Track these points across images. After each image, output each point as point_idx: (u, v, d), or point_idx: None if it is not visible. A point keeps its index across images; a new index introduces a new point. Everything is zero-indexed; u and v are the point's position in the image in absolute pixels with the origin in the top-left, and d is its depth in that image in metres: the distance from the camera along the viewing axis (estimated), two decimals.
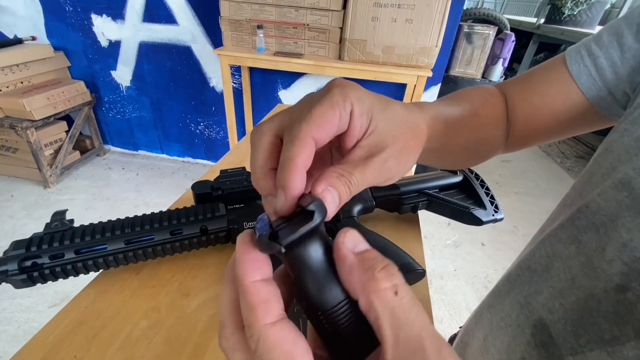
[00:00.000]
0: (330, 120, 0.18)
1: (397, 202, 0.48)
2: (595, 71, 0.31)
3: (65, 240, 0.34)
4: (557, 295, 0.27)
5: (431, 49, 1.51)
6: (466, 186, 0.52)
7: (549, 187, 2.53)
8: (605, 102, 0.31)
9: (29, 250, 0.33)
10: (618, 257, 0.23)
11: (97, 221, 0.38)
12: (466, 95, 0.36)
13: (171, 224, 0.38)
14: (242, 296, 0.14)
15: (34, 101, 1.82)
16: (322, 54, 1.64)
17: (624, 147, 0.25)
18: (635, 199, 0.23)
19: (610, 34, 0.31)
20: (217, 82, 2.05)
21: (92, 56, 2.11)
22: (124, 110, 2.30)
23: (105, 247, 0.35)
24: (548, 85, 0.34)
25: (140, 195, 2.06)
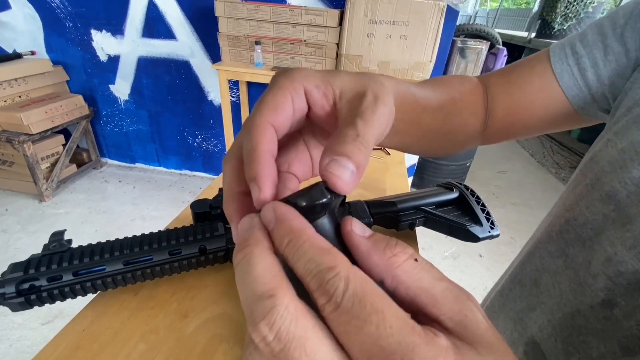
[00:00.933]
0: (282, 103, 0.17)
1: (395, 219, 0.48)
2: (577, 71, 0.31)
3: (64, 262, 0.34)
4: (547, 312, 0.27)
5: (425, 64, 1.54)
6: (462, 203, 0.53)
7: (545, 198, 2.55)
8: (585, 103, 0.31)
9: (27, 273, 0.33)
10: (603, 272, 0.23)
11: (93, 234, 0.38)
12: (444, 81, 0.35)
13: (170, 244, 0.38)
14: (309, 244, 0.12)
15: (32, 115, 1.83)
16: (319, 68, 1.67)
17: (608, 158, 0.25)
18: (620, 213, 0.23)
19: (594, 33, 0.30)
20: (215, 95, 2.07)
21: (91, 70, 2.13)
22: (122, 124, 2.31)
23: (104, 269, 0.35)
24: (530, 81, 0.33)
25: (137, 209, 2.05)
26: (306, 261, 0.11)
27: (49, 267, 0.34)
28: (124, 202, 2.11)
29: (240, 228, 0.14)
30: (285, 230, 0.12)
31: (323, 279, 0.11)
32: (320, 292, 0.11)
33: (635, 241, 0.22)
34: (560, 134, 3.83)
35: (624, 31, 0.28)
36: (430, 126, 0.29)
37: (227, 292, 0.39)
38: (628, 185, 0.23)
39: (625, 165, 0.24)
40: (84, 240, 1.06)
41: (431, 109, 0.28)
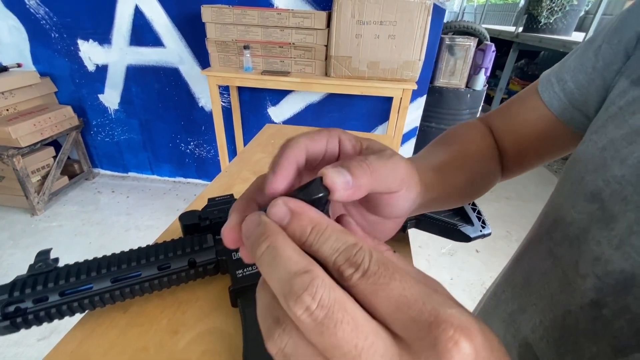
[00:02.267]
0: (319, 138, 0.19)
1: None
2: (564, 96, 0.32)
3: (49, 283, 0.34)
4: (539, 313, 0.27)
5: (415, 62, 1.55)
6: None
7: (539, 191, 2.57)
8: (580, 123, 0.32)
9: (12, 295, 0.32)
10: (591, 272, 0.23)
11: (88, 246, 0.38)
12: (453, 137, 0.37)
13: (158, 258, 0.37)
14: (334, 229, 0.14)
15: (20, 128, 1.80)
16: (309, 71, 1.67)
17: (590, 157, 0.26)
18: (605, 211, 0.23)
19: (575, 57, 0.32)
20: (206, 101, 2.06)
21: (79, 81, 2.11)
22: (113, 133, 2.29)
23: (91, 287, 0.35)
24: (526, 115, 0.36)
25: (131, 219, 2.03)
26: (333, 242, 0.13)
27: (34, 289, 0.33)
28: (118, 213, 2.08)
29: (250, 222, 0.14)
30: (307, 220, 0.14)
31: (350, 253, 0.12)
32: (348, 264, 0.12)
33: (620, 240, 0.21)
34: None
35: (600, 48, 0.30)
36: (455, 186, 0.31)
37: (219, 305, 0.39)
38: (611, 184, 0.23)
39: (606, 163, 0.24)
40: (78, 254, 1.06)
41: (451, 172, 0.31)
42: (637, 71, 0.25)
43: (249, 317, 0.34)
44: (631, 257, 0.21)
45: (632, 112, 0.23)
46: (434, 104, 2.14)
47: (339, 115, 1.99)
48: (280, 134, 0.91)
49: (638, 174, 0.21)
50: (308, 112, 2.01)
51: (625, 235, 0.21)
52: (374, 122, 2.00)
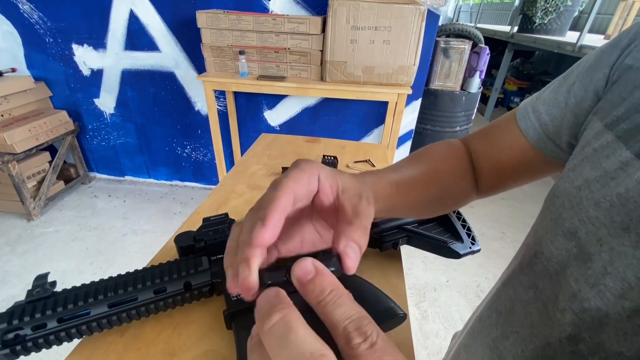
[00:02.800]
0: (302, 178, 0.22)
1: (378, 240, 0.49)
2: (539, 126, 0.34)
3: (48, 310, 0.34)
4: (520, 342, 0.28)
5: (409, 67, 1.56)
6: (444, 220, 0.54)
7: (534, 192, 2.60)
8: (554, 152, 0.34)
9: (11, 323, 0.33)
10: (569, 307, 0.24)
11: (85, 251, 0.38)
12: (426, 154, 0.39)
13: (154, 282, 0.38)
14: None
15: (15, 134, 1.80)
16: (305, 76, 1.67)
17: (567, 194, 0.26)
18: (581, 250, 0.24)
19: (551, 91, 0.34)
20: (202, 105, 2.06)
21: (74, 85, 2.10)
22: (109, 137, 2.29)
23: (89, 312, 0.35)
24: (504, 141, 0.37)
25: (128, 223, 2.03)
26: (347, 308, 0.14)
27: (32, 316, 0.34)
28: (115, 217, 2.09)
29: (268, 295, 0.15)
30: (328, 282, 0.15)
31: (362, 323, 0.14)
32: (357, 333, 0.14)
33: (596, 279, 0.22)
34: None
35: (573, 85, 0.31)
36: (418, 198, 0.36)
37: (214, 327, 0.39)
38: (586, 224, 0.24)
39: (581, 202, 0.24)
40: (75, 259, 1.06)
41: (411, 187, 0.35)
42: (610, 114, 0.25)
43: (243, 340, 0.35)
44: (605, 297, 0.21)
45: (606, 156, 0.24)
46: (429, 106, 2.15)
47: (335, 118, 2.00)
48: (276, 143, 0.92)
49: (611, 216, 0.22)
50: (304, 116, 2.02)
51: (600, 275, 0.22)
52: (369, 126, 2.01)
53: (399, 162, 0.38)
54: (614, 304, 0.21)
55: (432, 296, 1.66)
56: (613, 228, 0.22)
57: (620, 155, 0.23)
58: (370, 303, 0.40)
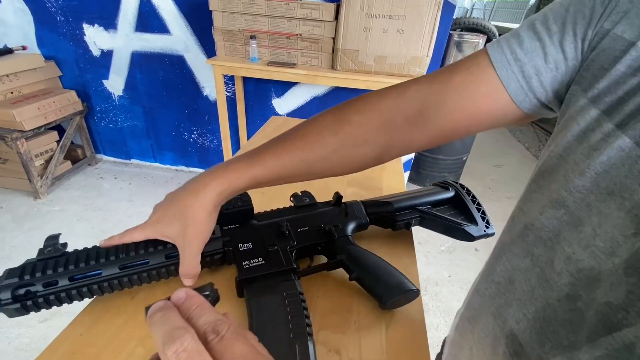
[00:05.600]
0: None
1: (391, 219, 0.49)
2: (522, 78, 0.31)
3: (59, 267, 0.34)
4: (522, 306, 0.30)
5: (422, 58, 1.54)
6: (458, 202, 0.53)
7: None
8: (533, 106, 0.32)
9: (23, 279, 0.33)
10: (565, 269, 0.26)
11: (90, 231, 0.38)
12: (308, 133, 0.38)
13: (166, 247, 0.38)
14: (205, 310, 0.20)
15: (24, 112, 1.80)
16: (315, 63, 1.65)
17: (552, 167, 0.28)
18: (572, 216, 0.26)
19: (531, 37, 0.30)
20: (211, 91, 2.05)
21: (84, 65, 2.10)
22: (116, 120, 2.29)
23: (100, 273, 0.35)
24: (475, 87, 0.33)
25: (133, 205, 2.04)
26: (207, 317, 0.18)
27: (44, 273, 0.34)
28: (120, 199, 2.10)
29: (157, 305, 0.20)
30: (194, 302, 0.19)
31: (216, 324, 0.18)
32: (212, 331, 0.18)
33: (587, 241, 0.25)
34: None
35: (562, 39, 0.29)
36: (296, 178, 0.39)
37: (225, 294, 0.39)
38: (573, 193, 0.26)
39: (567, 175, 0.26)
40: (80, 238, 1.07)
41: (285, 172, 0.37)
42: (592, 87, 0.26)
43: (255, 306, 0.35)
44: (597, 256, 0.24)
45: (592, 129, 0.25)
46: None
47: None
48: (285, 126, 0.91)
49: (597, 183, 0.24)
50: (313, 105, 2.00)
51: (590, 237, 0.24)
52: None
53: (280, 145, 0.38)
54: (605, 262, 0.23)
55: (433, 290, 1.66)
56: (599, 193, 0.24)
57: (603, 127, 0.25)
58: (383, 278, 0.40)
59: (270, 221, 0.45)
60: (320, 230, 0.45)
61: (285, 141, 0.37)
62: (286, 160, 0.36)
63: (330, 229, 0.44)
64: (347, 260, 0.42)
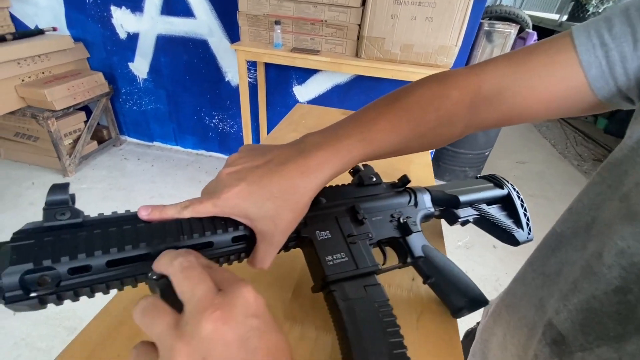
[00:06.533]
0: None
1: (453, 214, 0.46)
2: (605, 64, 0.30)
3: (96, 247, 0.24)
4: (563, 298, 0.30)
5: (451, 48, 1.49)
6: (508, 203, 0.51)
7: (565, 191, 2.49)
8: (610, 94, 0.31)
9: (39, 263, 0.22)
10: (617, 263, 0.26)
11: (115, 210, 0.29)
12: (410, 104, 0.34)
13: (237, 228, 0.29)
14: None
15: (55, 92, 1.86)
16: (339, 50, 1.63)
17: (620, 159, 0.28)
18: (629, 209, 0.26)
19: (622, 23, 0.29)
20: (233, 76, 2.06)
21: (111, 48, 2.14)
22: (141, 102, 2.34)
23: (149, 255, 0.25)
24: (552, 70, 0.32)
25: (155, 187, 2.10)
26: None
27: (73, 256, 0.23)
28: (143, 180, 2.16)
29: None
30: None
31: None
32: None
33: None
34: (585, 124, 3.68)
35: None
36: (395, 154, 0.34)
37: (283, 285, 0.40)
38: (638, 186, 0.25)
39: (635, 168, 0.26)
40: None
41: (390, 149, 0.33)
42: None
43: (347, 311, 0.30)
44: None
45: None
46: None
47: (365, 98, 1.95)
48: (311, 114, 0.91)
49: None
50: (334, 93, 1.98)
51: None
52: None
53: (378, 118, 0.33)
54: None
55: None
56: None
57: None
58: (462, 288, 0.38)
59: (340, 202, 0.37)
60: (392, 220, 0.39)
61: (391, 114, 0.33)
62: (393, 137, 0.32)
63: (406, 223, 0.39)
64: (424, 262, 0.38)
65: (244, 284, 0.21)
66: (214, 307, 0.18)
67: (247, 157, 0.30)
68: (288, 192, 0.28)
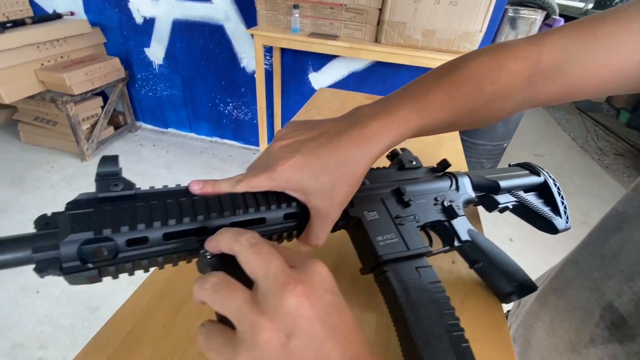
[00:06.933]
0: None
1: (493, 201, 0.45)
2: None
3: (155, 221, 0.23)
4: (626, 279, 0.29)
5: (475, 34, 1.44)
6: (544, 190, 0.50)
7: (584, 185, 2.42)
8: None
9: (99, 232, 0.21)
10: None
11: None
12: (469, 76, 0.32)
13: (290, 204, 0.29)
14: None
15: (74, 76, 1.88)
16: (359, 36, 1.59)
17: None
18: None
19: None
20: (248, 62, 2.04)
21: (127, 33, 2.14)
22: (156, 88, 2.34)
23: (205, 229, 0.25)
24: (624, 39, 0.29)
25: (170, 173, 2.12)
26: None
27: (132, 227, 0.22)
28: (159, 166, 2.18)
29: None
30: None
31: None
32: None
33: None
34: (607, 118, 3.56)
35: None
36: (447, 129, 0.33)
37: None
38: None
39: None
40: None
41: (448, 124, 0.32)
42: None
43: (402, 292, 0.30)
44: None
45: None
46: None
47: (382, 86, 1.92)
48: (335, 98, 0.89)
49: None
50: (350, 81, 1.95)
51: None
52: None
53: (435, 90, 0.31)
54: None
55: None
56: None
57: None
58: (510, 273, 0.37)
59: (385, 184, 0.36)
60: (437, 204, 0.38)
61: (445, 86, 0.31)
62: (447, 110, 0.30)
63: (451, 206, 0.38)
64: (471, 246, 0.37)
65: (316, 260, 0.20)
66: (295, 282, 0.18)
67: (298, 131, 0.29)
68: (344, 164, 0.27)
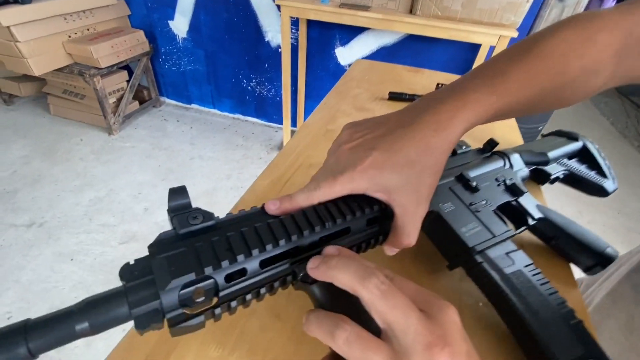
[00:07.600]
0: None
1: (544, 173, 0.44)
2: None
3: (253, 248, 0.21)
4: None
5: (521, 4, 1.32)
6: (585, 155, 0.49)
7: (622, 174, 2.28)
8: None
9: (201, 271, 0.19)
10: None
11: (157, 169, 0.27)
12: (550, 54, 0.28)
13: (373, 209, 0.26)
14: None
15: (100, 49, 1.88)
16: (392, 7, 1.50)
17: None
18: None
19: None
20: (273, 36, 1.98)
21: (151, 5, 2.11)
22: (180, 63, 2.32)
23: (297, 248, 0.23)
24: None
25: (194, 148, 2.13)
26: (369, 263, 0.21)
27: (232, 259, 0.20)
28: (183, 141, 2.19)
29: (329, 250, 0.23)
30: (348, 252, 0.22)
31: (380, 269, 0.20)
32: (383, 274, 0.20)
33: None
34: None
35: None
36: (527, 111, 0.30)
37: None
38: None
39: None
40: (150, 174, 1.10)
41: (524, 103, 0.29)
42: None
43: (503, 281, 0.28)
44: None
45: None
46: None
47: (412, 62, 1.82)
48: (374, 69, 0.84)
49: None
50: (379, 56, 1.86)
51: None
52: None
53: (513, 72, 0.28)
54: None
55: None
56: None
57: None
58: (590, 244, 0.34)
59: (446, 172, 0.33)
60: (499, 185, 0.36)
61: (525, 63, 0.28)
62: (528, 90, 0.28)
63: (514, 184, 0.36)
64: (543, 223, 0.36)
65: (448, 305, 0.19)
66: (442, 343, 0.17)
67: (363, 131, 0.27)
68: (425, 153, 0.25)
